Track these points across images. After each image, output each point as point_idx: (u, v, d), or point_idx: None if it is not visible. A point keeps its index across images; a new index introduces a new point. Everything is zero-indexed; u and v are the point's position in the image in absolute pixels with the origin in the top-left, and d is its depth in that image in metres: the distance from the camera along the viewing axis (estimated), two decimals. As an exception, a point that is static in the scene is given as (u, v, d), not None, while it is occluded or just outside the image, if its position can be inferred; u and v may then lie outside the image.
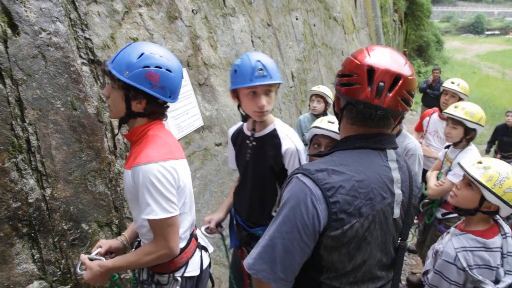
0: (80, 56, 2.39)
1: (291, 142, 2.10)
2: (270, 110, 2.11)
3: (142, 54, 1.62)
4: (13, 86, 2.01)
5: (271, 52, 5.16)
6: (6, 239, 1.95)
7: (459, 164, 2.27)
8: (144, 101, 1.67)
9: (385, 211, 1.30)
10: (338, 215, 1.19)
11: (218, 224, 2.39)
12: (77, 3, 2.41)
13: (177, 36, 3.25)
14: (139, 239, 2.03)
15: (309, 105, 4.39)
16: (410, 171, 1.42)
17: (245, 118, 2.19)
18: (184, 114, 3.13)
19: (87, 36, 2.44)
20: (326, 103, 4.36)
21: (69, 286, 2.15)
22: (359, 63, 1.26)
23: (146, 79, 1.61)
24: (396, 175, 1.34)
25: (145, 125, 1.73)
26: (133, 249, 2.10)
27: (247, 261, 1.25)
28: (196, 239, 1.99)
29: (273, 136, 2.13)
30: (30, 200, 2.03)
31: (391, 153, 1.36)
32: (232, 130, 2.39)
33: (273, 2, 5.44)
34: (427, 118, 4.52)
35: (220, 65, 3.86)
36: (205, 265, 1.97)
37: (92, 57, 2.46)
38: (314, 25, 7.11)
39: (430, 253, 2.29)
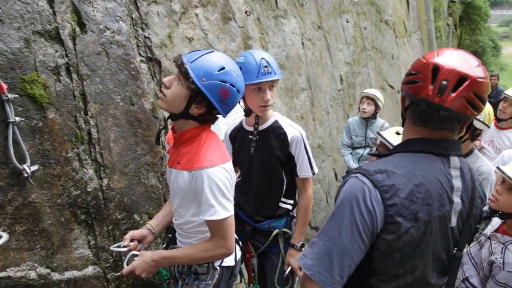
0: (139, 54, 2.49)
1: (295, 129, 2.22)
2: (272, 104, 2.22)
3: (223, 68, 1.66)
4: (78, 80, 2.13)
5: (321, 55, 5.12)
6: (66, 224, 2.07)
7: (498, 168, 2.24)
8: (204, 109, 1.70)
9: (442, 219, 1.27)
10: (395, 218, 1.17)
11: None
12: (138, 3, 2.52)
13: (230, 37, 3.31)
14: (170, 235, 2.08)
15: (358, 108, 4.32)
16: (474, 181, 1.36)
17: (247, 113, 2.28)
18: (234, 113, 3.18)
19: (147, 35, 2.55)
20: (377, 106, 4.28)
21: (120, 273, 2.25)
22: (425, 61, 1.26)
23: (218, 92, 1.65)
24: (457, 183, 1.30)
25: (198, 128, 1.76)
26: (163, 245, 2.19)
27: (305, 261, 1.23)
28: None
29: (276, 127, 2.23)
30: (88, 189, 2.15)
31: (454, 160, 1.31)
32: (230, 129, 2.46)
33: (325, 4, 5.40)
34: None
35: (270, 66, 3.89)
36: (238, 257, 2.01)
37: (150, 55, 2.56)
38: (365, 28, 6.97)
39: (465, 258, 2.27)
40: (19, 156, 1.86)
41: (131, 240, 1.94)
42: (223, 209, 1.65)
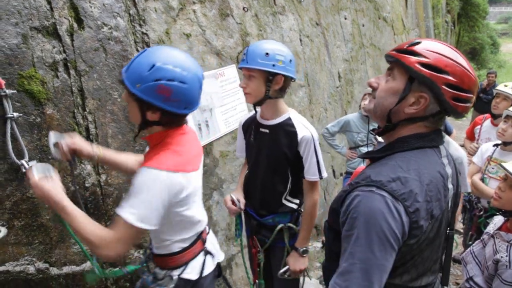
0: (137, 50, 2.50)
1: (306, 130, 2.13)
2: (254, 96, 2.12)
3: (153, 65, 1.50)
4: (76, 76, 2.14)
5: (319, 52, 5.13)
6: (65, 220, 2.08)
7: (501, 165, 2.22)
8: (159, 113, 1.58)
9: (446, 209, 1.30)
10: (419, 223, 1.16)
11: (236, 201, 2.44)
12: (136, 0, 2.52)
13: (228, 33, 3.31)
14: (151, 247, 1.89)
15: (359, 105, 4.30)
16: (454, 162, 1.40)
17: (256, 103, 2.21)
18: (231, 109, 3.19)
19: (144, 31, 2.55)
20: None
21: (117, 269, 2.26)
22: (474, 79, 1.23)
23: (157, 93, 1.50)
24: (449, 170, 1.32)
25: (163, 132, 1.66)
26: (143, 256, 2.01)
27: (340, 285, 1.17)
28: (204, 242, 1.88)
29: (288, 125, 2.16)
30: (87, 185, 2.16)
31: (443, 149, 1.34)
32: (244, 118, 2.42)
33: (323, 1, 5.40)
34: (479, 126, 4.31)
35: (268, 62, 3.89)
36: (206, 272, 1.85)
37: (148, 52, 2.56)
38: (363, 25, 6.98)
39: (469, 258, 2.24)
40: (17, 151, 1.87)
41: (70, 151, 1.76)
42: (131, 214, 1.46)
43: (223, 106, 3.10)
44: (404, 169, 1.20)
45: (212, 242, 1.96)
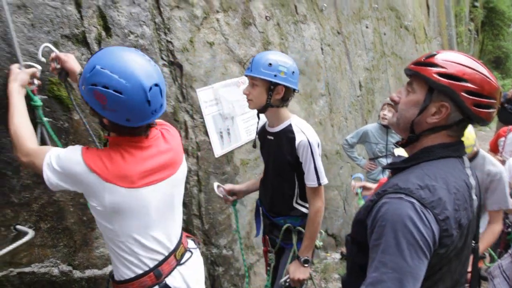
0: (162, 58, 2.54)
1: (303, 135, 2.16)
2: (256, 103, 2.18)
3: (94, 67, 1.37)
4: (103, 83, 2.18)
5: (340, 60, 5.11)
6: (89, 223, 2.12)
7: None
8: (106, 119, 1.47)
9: (472, 219, 1.29)
10: (449, 231, 1.15)
11: (233, 193, 2.55)
12: (162, 8, 2.57)
13: (250, 42, 3.34)
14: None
15: (378, 115, 4.26)
16: (476, 174, 1.40)
17: (260, 110, 2.26)
18: (253, 118, 3.21)
19: (169, 39, 2.60)
20: None
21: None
22: (497, 87, 1.25)
23: (95, 99, 1.39)
24: (472, 181, 1.32)
25: (116, 138, 1.56)
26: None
27: None
28: (158, 276, 1.65)
29: (288, 131, 2.20)
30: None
31: (466, 160, 1.34)
32: (259, 126, 2.48)
33: (344, 10, 5.39)
34: (503, 138, 4.20)
35: (289, 71, 3.90)
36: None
37: (172, 59, 2.61)
38: (385, 34, 6.93)
39: (496, 272, 2.20)
40: (45, 155, 1.91)
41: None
42: (53, 152, 1.49)
43: (244, 114, 3.11)
44: (431, 178, 1.20)
45: (180, 279, 1.73)
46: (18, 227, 1.82)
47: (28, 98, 1.74)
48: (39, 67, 1.80)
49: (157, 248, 1.65)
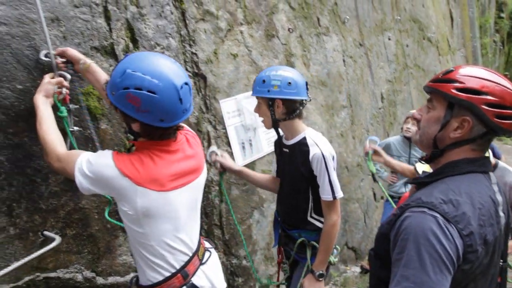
0: (186, 69, 2.59)
1: (317, 148, 2.13)
2: (266, 121, 2.24)
3: (124, 71, 1.41)
4: (129, 94, 2.24)
5: (362, 72, 5.09)
6: (112, 231, 2.15)
7: None
8: (138, 123, 1.50)
9: (499, 236, 1.26)
10: (473, 247, 1.13)
11: (224, 166, 2.55)
12: (187, 21, 2.62)
13: (273, 53, 3.36)
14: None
15: (401, 128, 4.21)
16: (505, 192, 1.40)
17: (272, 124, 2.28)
18: (274, 129, 3.21)
19: (194, 51, 2.64)
20: None
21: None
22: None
23: (128, 102, 1.41)
24: (499, 198, 1.30)
25: (145, 142, 1.59)
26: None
27: None
28: (185, 277, 1.68)
29: (303, 144, 2.19)
30: (134, 198, 2.22)
31: (492, 176, 1.33)
32: (276, 139, 2.48)
33: (366, 22, 5.38)
34: None
35: (312, 83, 3.91)
36: None
37: (196, 71, 2.65)
38: (407, 46, 6.87)
39: None
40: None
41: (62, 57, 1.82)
42: (83, 157, 1.53)
43: (266, 125, 3.13)
44: (456, 192, 1.19)
45: (208, 276, 1.79)
46: (46, 233, 1.87)
47: (56, 108, 1.79)
48: (68, 76, 1.86)
49: (183, 249, 1.69)
